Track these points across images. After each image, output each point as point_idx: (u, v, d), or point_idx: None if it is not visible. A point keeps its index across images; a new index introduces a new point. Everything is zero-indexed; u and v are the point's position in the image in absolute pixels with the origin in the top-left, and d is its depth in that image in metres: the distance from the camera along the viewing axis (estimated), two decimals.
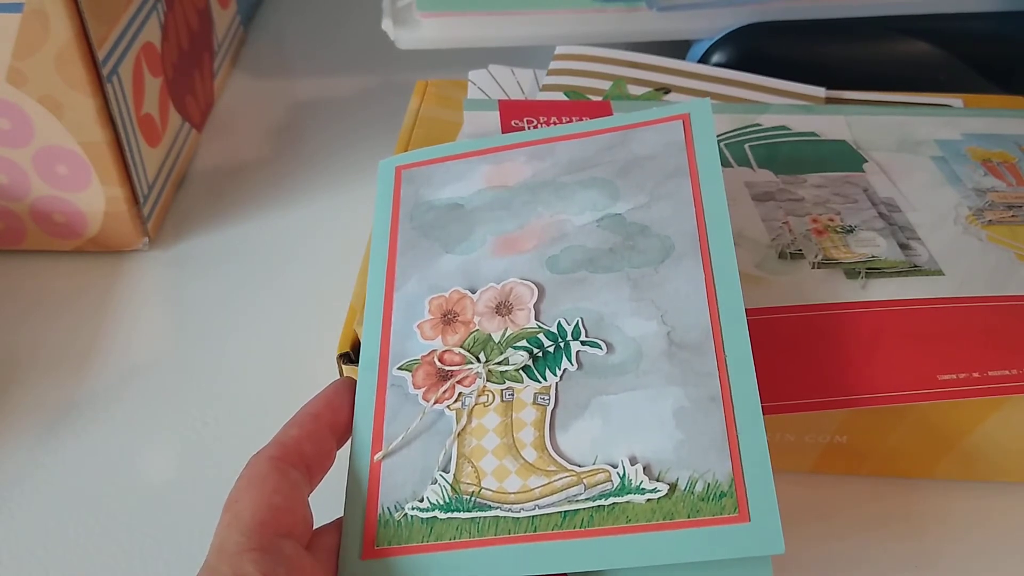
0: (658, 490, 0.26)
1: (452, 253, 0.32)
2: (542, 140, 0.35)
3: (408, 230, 0.34)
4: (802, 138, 0.41)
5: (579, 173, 0.33)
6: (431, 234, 0.33)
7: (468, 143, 0.35)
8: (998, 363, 0.31)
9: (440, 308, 0.31)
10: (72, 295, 0.44)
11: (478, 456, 0.28)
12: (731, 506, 0.25)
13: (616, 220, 0.31)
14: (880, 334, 0.32)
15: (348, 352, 0.34)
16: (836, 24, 0.48)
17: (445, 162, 0.35)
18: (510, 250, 0.32)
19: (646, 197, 0.32)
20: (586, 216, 0.32)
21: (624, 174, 0.33)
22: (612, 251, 0.31)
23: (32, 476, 0.37)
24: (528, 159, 0.34)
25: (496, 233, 0.33)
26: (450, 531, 0.27)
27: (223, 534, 0.26)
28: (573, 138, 0.34)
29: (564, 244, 0.31)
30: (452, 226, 0.33)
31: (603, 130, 0.34)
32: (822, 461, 0.35)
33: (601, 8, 0.48)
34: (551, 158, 0.34)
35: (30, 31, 0.39)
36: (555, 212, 0.32)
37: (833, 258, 0.35)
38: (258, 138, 0.54)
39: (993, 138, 0.41)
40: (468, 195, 0.34)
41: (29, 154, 0.42)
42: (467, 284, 0.31)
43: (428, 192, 0.34)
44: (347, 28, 0.63)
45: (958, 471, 0.35)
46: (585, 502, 0.26)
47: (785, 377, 0.31)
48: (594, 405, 0.28)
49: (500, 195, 0.33)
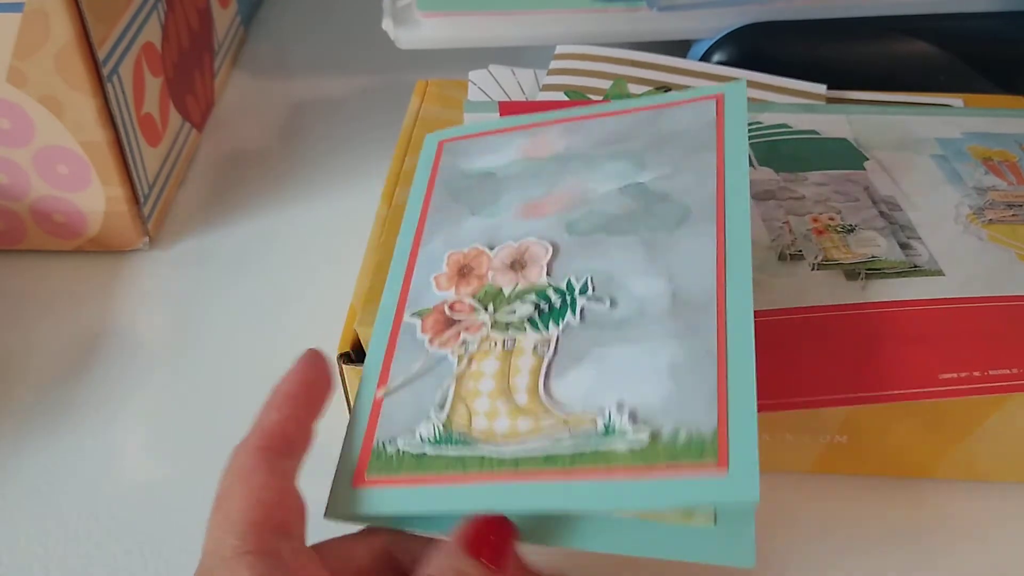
0: (640, 438, 0.26)
1: (478, 216, 0.34)
2: (581, 117, 0.36)
3: (442, 194, 0.35)
4: (803, 136, 0.41)
5: (610, 147, 0.34)
6: (461, 198, 0.35)
7: (512, 119, 0.37)
8: (999, 362, 0.31)
9: (457, 262, 0.32)
10: (72, 295, 0.44)
11: (472, 398, 0.29)
12: (711, 456, 0.25)
13: (639, 188, 0.32)
14: (880, 334, 0.32)
15: (348, 352, 0.34)
16: (836, 24, 0.48)
17: (485, 136, 0.37)
18: (533, 214, 0.33)
19: (671, 168, 0.32)
20: (611, 184, 0.33)
21: (653, 147, 0.33)
22: (630, 216, 0.31)
23: (32, 476, 0.37)
24: (562, 133, 0.36)
25: (522, 200, 0.34)
26: (437, 466, 0.28)
27: (216, 536, 0.25)
28: (611, 115, 0.36)
29: (585, 209, 0.32)
30: (481, 191, 0.34)
31: (640, 108, 0.35)
32: (822, 461, 0.35)
33: (602, 8, 0.48)
34: (585, 132, 0.35)
35: (31, 31, 0.39)
36: (582, 180, 0.33)
37: (833, 259, 0.35)
38: (258, 138, 0.54)
39: (994, 137, 0.41)
40: (501, 165, 0.35)
41: (29, 154, 0.42)
42: (487, 243, 0.33)
43: (465, 162, 0.36)
44: (347, 28, 0.63)
45: (958, 471, 0.35)
46: (568, 445, 0.27)
47: (785, 377, 0.31)
48: (591, 355, 0.28)
49: (531, 165, 0.35)
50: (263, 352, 0.42)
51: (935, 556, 0.33)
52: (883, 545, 0.34)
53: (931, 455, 0.34)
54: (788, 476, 0.35)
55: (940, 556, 0.33)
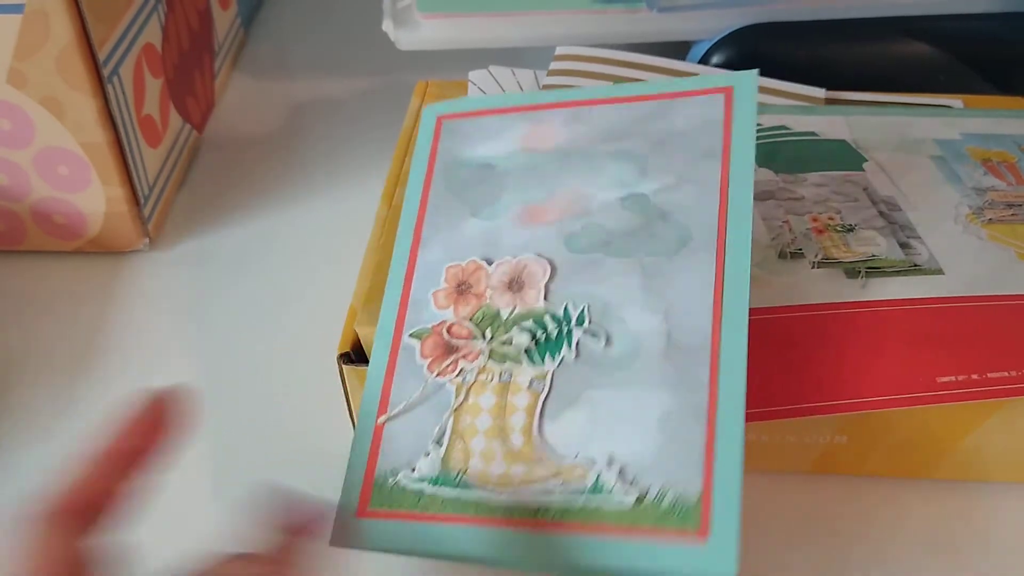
0: (627, 500, 0.27)
1: (478, 217, 0.34)
2: (584, 101, 0.35)
3: (440, 187, 0.35)
4: (802, 138, 0.41)
5: (613, 143, 0.34)
6: (461, 194, 0.34)
7: (512, 96, 0.37)
8: (997, 364, 0.31)
9: (456, 277, 0.32)
10: (73, 296, 0.44)
11: (470, 435, 0.29)
12: (694, 523, 0.26)
13: (640, 200, 0.32)
14: (880, 334, 0.32)
15: (348, 352, 0.34)
16: (836, 25, 0.48)
17: (485, 116, 0.36)
18: (533, 220, 0.33)
19: (674, 178, 0.32)
20: (612, 192, 0.33)
21: (657, 149, 0.33)
22: (630, 234, 0.31)
23: (32, 476, 0.37)
24: (565, 122, 0.35)
25: (523, 202, 0.33)
26: (434, 505, 0.29)
27: None
28: (614, 102, 0.35)
29: (585, 220, 0.32)
30: (481, 188, 0.34)
31: (645, 96, 0.35)
32: (822, 461, 0.35)
33: (601, 9, 0.48)
34: (588, 123, 0.35)
35: (31, 32, 0.39)
36: (583, 184, 0.33)
37: (833, 257, 0.35)
38: (258, 139, 0.54)
39: (992, 138, 0.41)
40: (502, 155, 0.35)
41: (30, 155, 0.42)
42: (486, 253, 0.33)
43: (464, 148, 0.36)
44: (347, 29, 0.64)
45: (958, 472, 0.35)
46: (559, 497, 0.27)
47: (784, 378, 0.31)
48: (584, 397, 0.29)
49: (532, 159, 0.34)
50: (263, 352, 0.42)
51: (935, 556, 0.33)
52: (883, 545, 0.34)
53: (931, 455, 0.34)
54: (788, 476, 0.35)
55: (940, 556, 0.33)
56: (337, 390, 0.36)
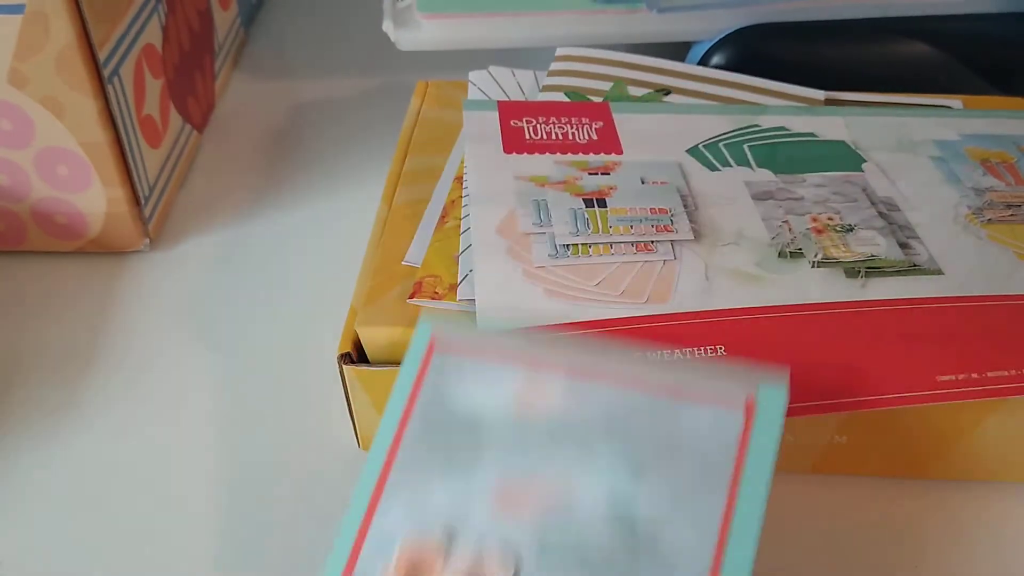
0: None
1: (450, 478, 0.30)
2: (590, 370, 0.31)
3: (416, 433, 0.31)
4: (801, 139, 0.41)
5: (610, 436, 0.30)
6: (437, 449, 0.30)
7: (513, 339, 0.32)
8: (997, 364, 0.31)
9: (408, 561, 0.28)
10: (73, 296, 0.44)
11: None
12: None
13: (627, 524, 0.28)
14: (879, 334, 0.32)
15: (348, 352, 0.34)
16: (835, 26, 0.48)
17: (480, 359, 0.32)
18: (508, 504, 0.29)
19: (669, 504, 0.28)
20: (599, 500, 0.29)
21: (657, 456, 0.29)
22: (609, 564, 0.27)
23: (33, 476, 0.37)
24: (564, 393, 0.31)
25: (502, 473, 0.29)
26: None
27: None
28: (622, 383, 0.31)
29: (563, 527, 0.28)
30: (461, 449, 0.30)
31: (658, 384, 0.30)
32: (822, 461, 0.35)
33: (601, 10, 0.48)
34: (589, 403, 0.31)
35: (31, 33, 0.39)
36: (570, 471, 0.29)
37: (833, 257, 0.35)
38: (259, 139, 0.54)
39: (992, 138, 0.41)
40: (490, 411, 0.31)
41: (30, 155, 0.42)
42: (451, 523, 0.29)
43: (453, 391, 0.31)
44: (348, 30, 0.64)
45: (958, 472, 0.35)
46: None
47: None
48: None
49: (522, 427, 0.30)
50: (263, 352, 0.42)
51: (935, 557, 0.33)
52: (884, 545, 0.34)
53: (931, 455, 0.34)
54: (788, 476, 0.35)
55: (941, 556, 0.33)
56: (337, 390, 0.36)
